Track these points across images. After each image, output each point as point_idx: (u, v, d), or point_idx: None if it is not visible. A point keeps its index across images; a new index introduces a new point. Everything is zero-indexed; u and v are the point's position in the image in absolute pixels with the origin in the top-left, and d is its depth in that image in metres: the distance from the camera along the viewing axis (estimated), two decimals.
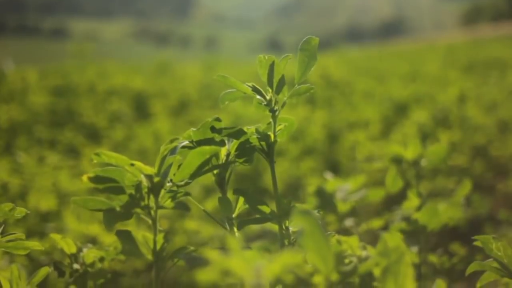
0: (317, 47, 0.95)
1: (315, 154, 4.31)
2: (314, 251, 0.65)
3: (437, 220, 1.35)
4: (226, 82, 0.96)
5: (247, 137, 0.94)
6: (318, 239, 0.65)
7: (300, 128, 4.64)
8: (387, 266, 0.68)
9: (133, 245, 0.86)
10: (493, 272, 1.12)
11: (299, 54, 0.95)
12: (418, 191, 1.55)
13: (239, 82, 0.95)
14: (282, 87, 0.95)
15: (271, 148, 0.96)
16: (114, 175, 0.88)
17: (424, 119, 4.52)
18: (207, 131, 0.93)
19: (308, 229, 0.65)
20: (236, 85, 0.96)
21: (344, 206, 1.63)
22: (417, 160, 1.57)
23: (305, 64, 0.94)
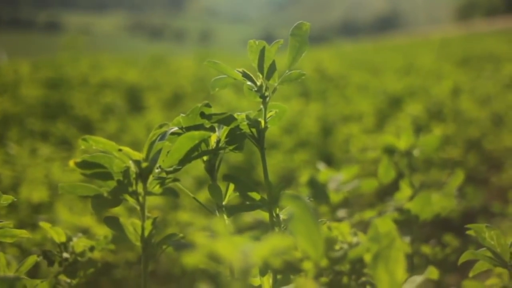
0: (308, 32, 0.93)
1: (309, 146, 4.31)
2: (304, 235, 0.64)
3: (430, 210, 1.34)
4: (216, 68, 0.95)
5: (237, 123, 0.93)
6: (308, 223, 0.63)
7: (294, 121, 4.63)
8: (378, 251, 0.67)
9: (121, 232, 0.85)
10: (486, 261, 1.11)
11: (290, 40, 0.93)
12: (410, 182, 1.54)
13: (229, 68, 0.94)
14: (273, 72, 0.93)
15: (262, 135, 0.95)
16: (102, 161, 0.87)
17: (418, 112, 4.52)
18: (196, 117, 0.92)
19: (298, 213, 0.64)
20: (226, 71, 0.95)
21: (336, 196, 1.62)
22: (410, 150, 1.56)
23: (296, 49, 0.93)
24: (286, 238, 0.55)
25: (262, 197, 0.91)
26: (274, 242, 0.54)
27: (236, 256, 0.52)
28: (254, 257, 0.53)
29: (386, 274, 0.66)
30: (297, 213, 0.63)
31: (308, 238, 0.63)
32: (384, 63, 9.79)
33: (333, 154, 4.09)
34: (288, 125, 4.55)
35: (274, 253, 0.55)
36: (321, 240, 0.64)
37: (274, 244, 0.54)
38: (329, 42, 23.52)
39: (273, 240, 0.55)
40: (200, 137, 0.85)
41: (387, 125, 4.35)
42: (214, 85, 0.99)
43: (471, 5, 60.03)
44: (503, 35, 19.82)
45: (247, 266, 0.52)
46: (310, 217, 0.63)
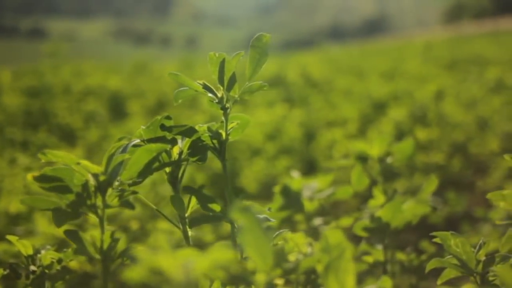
0: (269, 44, 0.93)
1: (292, 153, 4.31)
2: (253, 247, 0.64)
3: (401, 217, 1.34)
4: (177, 80, 0.95)
5: (198, 135, 0.93)
6: (257, 235, 0.64)
7: (278, 126, 4.63)
8: (329, 262, 0.67)
9: (81, 244, 0.84)
10: (453, 268, 1.11)
11: (250, 51, 0.94)
12: (384, 189, 1.54)
13: (190, 80, 0.94)
14: (233, 84, 0.93)
15: (223, 146, 0.95)
16: (63, 174, 0.86)
17: (402, 116, 4.53)
18: (157, 129, 0.92)
19: (246, 225, 0.64)
20: (187, 83, 0.95)
21: (311, 204, 1.61)
22: (383, 157, 1.56)
23: (255, 61, 0.93)
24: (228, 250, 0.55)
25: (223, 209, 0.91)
26: (216, 254, 0.54)
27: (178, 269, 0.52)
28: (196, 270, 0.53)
29: (337, 284, 0.66)
30: (246, 225, 0.64)
31: (257, 250, 0.63)
32: (370, 67, 9.81)
33: (316, 160, 4.08)
34: (271, 131, 4.55)
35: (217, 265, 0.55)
36: (270, 251, 0.64)
37: (216, 256, 0.54)
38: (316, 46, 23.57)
39: (215, 253, 0.55)
40: (158, 150, 0.85)
41: (370, 130, 4.36)
42: (177, 97, 0.99)
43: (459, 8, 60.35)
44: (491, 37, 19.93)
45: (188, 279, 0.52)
46: (259, 229, 0.63)
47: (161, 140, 0.91)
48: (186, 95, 0.98)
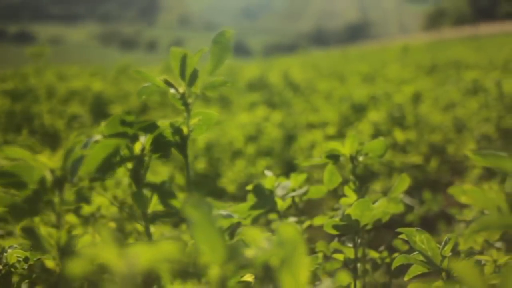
0: (232, 40, 0.93)
1: (273, 153, 4.33)
2: (204, 241, 0.63)
3: (370, 215, 1.34)
4: (141, 76, 0.94)
5: (160, 131, 0.93)
6: (208, 230, 0.63)
7: (259, 128, 4.65)
8: (283, 256, 0.67)
9: (37, 241, 0.83)
10: (419, 265, 1.12)
11: (212, 47, 0.93)
12: (355, 187, 1.54)
13: (153, 77, 0.94)
14: (195, 80, 0.93)
15: (185, 142, 0.95)
16: (21, 170, 0.85)
17: (381, 118, 4.55)
18: (117, 125, 0.91)
19: (198, 220, 0.63)
20: (150, 79, 0.94)
21: (284, 203, 1.61)
22: (355, 156, 1.56)
23: (217, 57, 0.93)
24: (173, 243, 0.55)
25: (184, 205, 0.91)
26: (160, 247, 0.54)
27: (120, 262, 0.51)
28: (140, 263, 0.52)
29: (291, 279, 0.66)
30: (197, 220, 0.63)
31: (208, 243, 0.63)
32: (352, 71, 9.86)
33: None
34: (252, 132, 4.57)
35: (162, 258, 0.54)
36: (222, 245, 0.63)
37: (160, 249, 0.54)
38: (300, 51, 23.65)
39: (160, 246, 0.54)
40: (115, 145, 0.84)
41: (349, 132, 4.38)
42: (141, 93, 0.98)
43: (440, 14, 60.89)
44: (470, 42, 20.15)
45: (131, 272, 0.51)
46: (210, 224, 0.63)
47: (123, 136, 0.91)
48: (149, 91, 0.97)
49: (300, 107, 6.01)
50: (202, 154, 4.27)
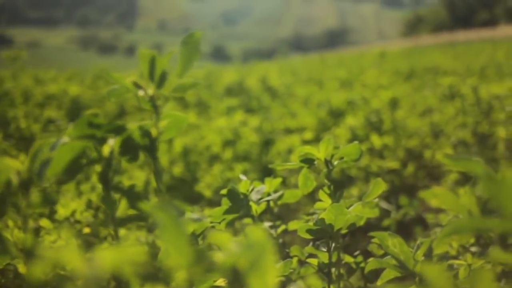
0: (200, 41, 0.92)
1: (250, 158, 4.33)
2: (171, 245, 0.62)
3: (344, 219, 1.34)
4: (109, 78, 0.93)
5: (128, 133, 0.91)
6: (175, 233, 0.62)
7: (236, 132, 4.64)
8: (250, 259, 0.66)
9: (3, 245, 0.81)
10: (391, 269, 1.11)
11: (181, 49, 0.92)
12: (330, 191, 1.54)
13: (121, 78, 0.92)
14: (163, 82, 0.92)
15: (153, 145, 0.93)
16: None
17: (358, 123, 4.57)
18: (84, 127, 0.89)
19: (165, 223, 0.62)
20: (119, 81, 0.93)
21: (258, 207, 1.60)
22: (329, 160, 1.56)
23: (186, 59, 0.92)
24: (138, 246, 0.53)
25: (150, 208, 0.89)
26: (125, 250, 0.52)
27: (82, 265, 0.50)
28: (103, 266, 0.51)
29: (259, 282, 0.65)
30: (164, 222, 0.62)
31: (175, 247, 0.62)
32: (330, 76, 9.91)
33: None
34: (230, 137, 4.56)
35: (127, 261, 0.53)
36: (188, 248, 0.62)
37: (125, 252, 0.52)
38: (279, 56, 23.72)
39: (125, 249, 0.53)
40: (81, 147, 0.82)
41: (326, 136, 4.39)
42: (110, 95, 0.97)
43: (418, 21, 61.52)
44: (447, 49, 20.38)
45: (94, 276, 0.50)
46: (177, 227, 0.62)
47: (91, 138, 0.89)
48: (118, 93, 0.96)
49: (278, 112, 6.02)
50: (180, 158, 4.25)
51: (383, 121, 4.79)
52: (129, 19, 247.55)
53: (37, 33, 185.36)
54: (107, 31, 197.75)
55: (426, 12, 64.90)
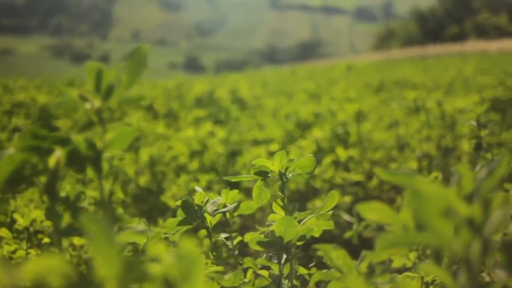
0: (147, 55, 0.94)
1: (217, 169, 4.34)
2: (100, 256, 0.64)
3: (293, 232, 1.36)
4: (59, 90, 0.94)
5: (73, 145, 0.92)
6: (105, 244, 0.64)
7: (204, 143, 4.65)
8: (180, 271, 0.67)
9: None
10: (336, 281, 1.14)
11: (127, 63, 0.94)
12: (284, 203, 1.56)
13: (69, 90, 0.93)
14: (110, 94, 0.93)
15: (98, 157, 0.94)
16: None
17: (324, 135, 4.62)
18: (29, 138, 0.90)
19: (95, 234, 0.64)
20: (68, 93, 0.94)
21: (213, 219, 1.62)
22: (284, 172, 1.58)
23: (133, 72, 0.93)
24: (61, 257, 0.55)
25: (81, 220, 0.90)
26: (48, 261, 0.54)
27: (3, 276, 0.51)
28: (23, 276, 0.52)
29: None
30: (94, 234, 0.63)
31: (104, 258, 0.63)
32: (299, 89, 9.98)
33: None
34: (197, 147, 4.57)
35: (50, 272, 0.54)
36: (117, 259, 0.64)
37: (47, 263, 0.54)
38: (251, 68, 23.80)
39: (48, 259, 0.54)
40: (22, 159, 0.83)
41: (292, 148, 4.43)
42: (60, 107, 0.98)
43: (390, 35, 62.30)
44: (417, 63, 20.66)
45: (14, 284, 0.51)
46: (107, 238, 0.63)
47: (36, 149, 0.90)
48: (66, 105, 0.97)
49: (247, 124, 6.05)
50: (146, 168, 4.24)
51: (349, 134, 4.85)
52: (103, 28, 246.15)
53: (10, 41, 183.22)
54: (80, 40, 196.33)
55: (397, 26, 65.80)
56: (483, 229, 0.76)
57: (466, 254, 0.76)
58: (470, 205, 0.78)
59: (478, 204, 0.77)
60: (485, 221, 0.76)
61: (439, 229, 0.74)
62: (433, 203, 0.74)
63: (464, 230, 0.75)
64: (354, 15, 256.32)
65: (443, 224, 0.74)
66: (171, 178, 4.25)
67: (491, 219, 0.76)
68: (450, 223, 0.75)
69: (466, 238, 0.75)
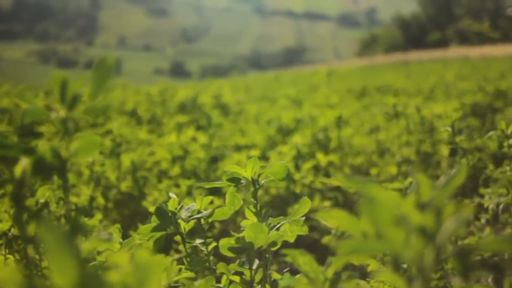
0: (112, 66, 0.95)
1: (198, 174, 4.35)
2: (56, 265, 0.65)
3: (264, 237, 1.38)
4: (24, 100, 0.95)
5: (39, 155, 0.93)
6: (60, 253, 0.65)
7: (186, 148, 4.66)
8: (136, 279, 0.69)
9: None
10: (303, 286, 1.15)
11: (92, 73, 0.95)
12: (256, 209, 1.58)
13: (34, 100, 0.95)
14: (75, 104, 0.95)
15: (64, 167, 0.96)
16: None
17: (305, 141, 4.65)
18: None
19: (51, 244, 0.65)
20: (34, 102, 0.95)
21: (187, 225, 1.63)
22: (256, 179, 1.60)
23: (97, 82, 0.95)
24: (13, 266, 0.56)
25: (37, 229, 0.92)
26: None
27: None
28: None
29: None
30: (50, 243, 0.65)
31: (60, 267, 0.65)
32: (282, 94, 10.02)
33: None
34: (179, 152, 4.58)
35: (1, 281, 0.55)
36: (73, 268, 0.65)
37: None
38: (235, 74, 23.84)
39: None
40: None
41: (273, 154, 4.45)
42: (26, 116, 0.99)
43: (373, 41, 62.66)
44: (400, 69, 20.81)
45: None
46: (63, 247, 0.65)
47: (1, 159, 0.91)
48: (33, 114, 0.98)
49: (230, 129, 6.07)
50: (128, 174, 4.24)
51: (330, 139, 4.88)
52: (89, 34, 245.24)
53: None
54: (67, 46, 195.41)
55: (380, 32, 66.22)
56: (436, 237, 0.78)
57: (419, 261, 0.78)
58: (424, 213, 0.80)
59: (431, 212, 0.79)
60: (437, 229, 0.79)
61: (391, 237, 0.76)
62: (386, 210, 0.76)
63: (417, 237, 0.77)
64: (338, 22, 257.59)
65: (395, 231, 0.76)
66: (153, 183, 4.25)
67: (443, 227, 0.79)
68: (402, 230, 0.77)
69: (418, 245, 0.77)
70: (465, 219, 0.81)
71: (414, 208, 0.80)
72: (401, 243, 0.77)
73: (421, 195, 0.85)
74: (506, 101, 6.86)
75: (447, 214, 0.79)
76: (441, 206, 0.80)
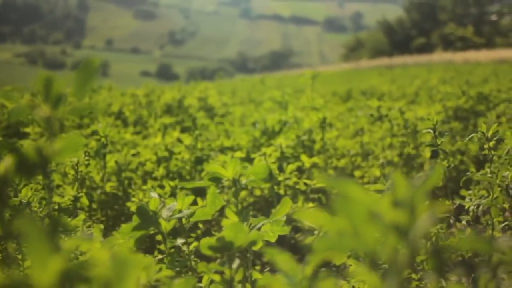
0: (97, 67, 0.97)
1: (183, 175, 4.37)
2: (36, 261, 0.66)
3: (243, 237, 1.40)
4: (10, 99, 0.97)
5: (22, 153, 0.95)
6: (40, 249, 0.66)
7: (171, 150, 4.68)
8: (115, 274, 0.71)
9: None
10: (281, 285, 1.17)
11: (76, 74, 0.96)
12: (237, 209, 1.60)
13: (19, 98, 0.96)
14: (59, 104, 0.96)
15: (46, 166, 0.97)
16: None
17: (290, 143, 4.67)
18: None
19: (31, 240, 0.67)
20: (19, 102, 0.97)
21: (168, 224, 1.65)
22: (237, 179, 1.62)
23: (81, 83, 0.96)
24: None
25: None
26: None
27: None
28: None
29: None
30: (30, 240, 0.66)
31: (40, 263, 0.66)
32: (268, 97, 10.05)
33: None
34: (164, 154, 4.59)
35: None
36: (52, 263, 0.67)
37: None
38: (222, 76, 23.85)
39: None
40: None
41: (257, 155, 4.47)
42: (12, 115, 1.00)
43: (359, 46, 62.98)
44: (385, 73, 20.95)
45: None
46: (43, 243, 0.66)
47: None
48: (18, 114, 0.99)
49: (215, 131, 6.08)
50: (113, 174, 4.25)
51: (314, 141, 4.91)
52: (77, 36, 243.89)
53: None
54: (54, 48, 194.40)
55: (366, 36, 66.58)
56: (409, 234, 0.81)
57: (393, 258, 0.81)
58: (399, 211, 0.82)
59: (405, 210, 0.82)
60: (411, 226, 0.81)
61: (366, 234, 0.79)
62: (360, 208, 0.79)
63: (390, 235, 0.80)
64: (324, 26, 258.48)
65: (369, 229, 0.79)
66: (138, 184, 4.27)
67: (417, 224, 0.81)
68: (376, 228, 0.79)
69: (392, 243, 0.80)
70: (439, 216, 0.84)
71: (389, 206, 0.82)
72: (375, 240, 0.79)
73: (397, 194, 0.88)
74: (488, 105, 6.94)
75: (421, 212, 0.82)
76: (416, 204, 0.82)
